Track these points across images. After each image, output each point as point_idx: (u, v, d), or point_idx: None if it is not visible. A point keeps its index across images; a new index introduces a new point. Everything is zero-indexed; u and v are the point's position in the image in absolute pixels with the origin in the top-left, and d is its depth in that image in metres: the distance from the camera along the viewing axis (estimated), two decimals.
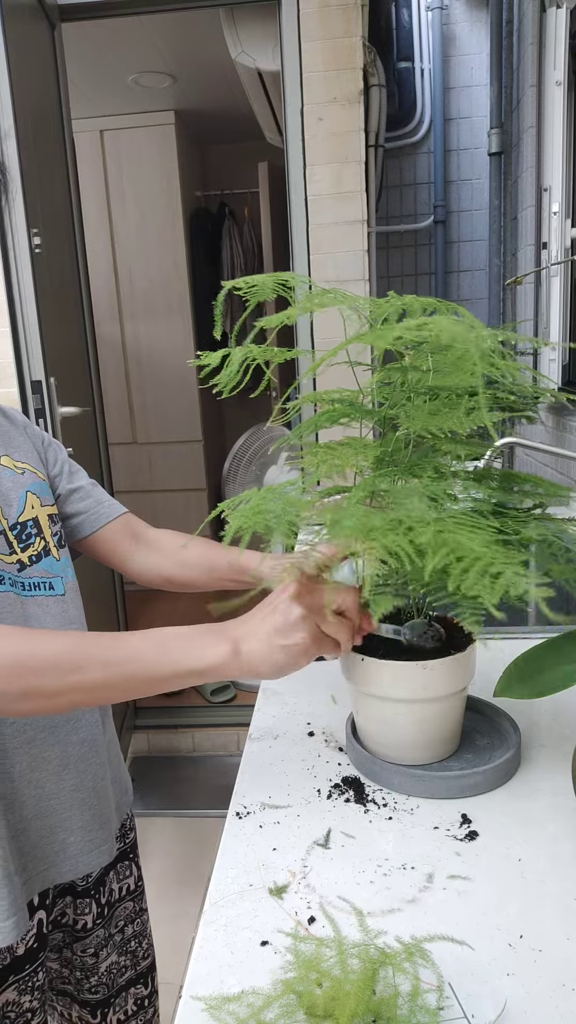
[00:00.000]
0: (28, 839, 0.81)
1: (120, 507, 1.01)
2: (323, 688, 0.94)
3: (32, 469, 0.89)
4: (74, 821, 0.85)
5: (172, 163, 3.67)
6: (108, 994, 0.97)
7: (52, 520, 0.89)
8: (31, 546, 0.84)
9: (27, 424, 0.96)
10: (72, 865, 0.85)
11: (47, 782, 0.82)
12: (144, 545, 1.01)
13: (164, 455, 4.05)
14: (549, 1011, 0.48)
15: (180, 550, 0.99)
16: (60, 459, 0.98)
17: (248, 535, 0.64)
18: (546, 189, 1.97)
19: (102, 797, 0.89)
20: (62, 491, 0.96)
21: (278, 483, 0.71)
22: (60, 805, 0.83)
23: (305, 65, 2.08)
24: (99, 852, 0.88)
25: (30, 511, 0.86)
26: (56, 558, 0.88)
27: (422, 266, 2.74)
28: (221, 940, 0.56)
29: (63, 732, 0.84)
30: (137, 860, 1.02)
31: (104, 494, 1.01)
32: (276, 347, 0.75)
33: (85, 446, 2.39)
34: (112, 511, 0.99)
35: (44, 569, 0.85)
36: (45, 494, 0.90)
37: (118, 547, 0.99)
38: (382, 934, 0.55)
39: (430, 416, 0.65)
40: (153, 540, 1.02)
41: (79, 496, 0.97)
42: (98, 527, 0.98)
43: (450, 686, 0.70)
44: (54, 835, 0.83)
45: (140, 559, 1.00)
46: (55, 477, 0.96)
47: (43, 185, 2.10)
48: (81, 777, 0.85)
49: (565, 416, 1.83)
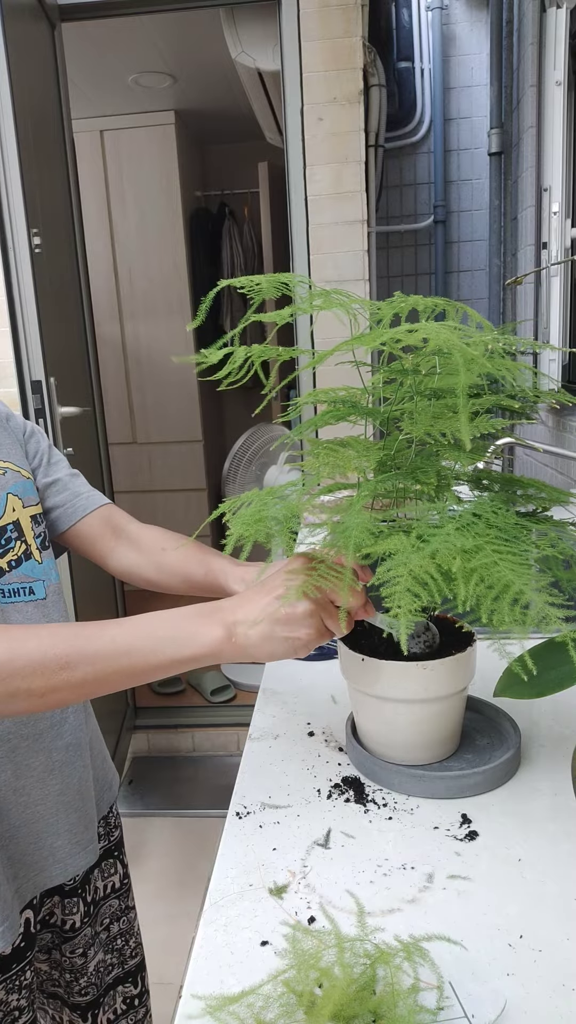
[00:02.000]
0: (17, 847, 0.81)
1: (100, 499, 0.96)
2: (323, 688, 0.94)
3: (15, 468, 0.86)
4: (61, 825, 0.84)
5: (172, 163, 3.67)
6: (97, 994, 0.96)
7: (35, 521, 0.86)
8: (10, 551, 0.82)
9: (10, 416, 0.91)
10: (61, 869, 0.85)
11: (32, 789, 0.82)
12: (125, 541, 0.95)
13: (164, 455, 4.05)
14: (549, 1011, 0.48)
15: (160, 552, 0.94)
16: (40, 449, 0.93)
17: (250, 544, 0.64)
18: (546, 189, 1.97)
19: (86, 798, 0.89)
20: (40, 484, 0.92)
21: (278, 484, 0.71)
22: (47, 811, 0.83)
23: (305, 65, 2.08)
24: (86, 853, 0.88)
25: (10, 514, 0.83)
26: (38, 561, 0.85)
27: (422, 266, 2.74)
28: (221, 940, 0.56)
29: (47, 739, 0.83)
30: (123, 858, 1.02)
31: (83, 485, 0.96)
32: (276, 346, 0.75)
33: (85, 446, 2.39)
34: (89, 503, 0.94)
35: (24, 574, 0.83)
36: (29, 493, 0.87)
37: (97, 542, 0.94)
38: (382, 934, 0.55)
39: (433, 419, 0.65)
40: (135, 537, 0.96)
41: (56, 489, 0.93)
42: (75, 521, 0.93)
43: (450, 686, 0.70)
44: (42, 841, 0.83)
45: (120, 556, 0.95)
46: (34, 470, 0.91)
47: (43, 185, 2.10)
48: (66, 782, 0.85)
49: (565, 416, 1.83)
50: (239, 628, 0.63)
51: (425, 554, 0.55)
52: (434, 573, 0.54)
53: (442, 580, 0.54)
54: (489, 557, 0.54)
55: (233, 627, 0.63)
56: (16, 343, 1.97)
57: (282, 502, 0.68)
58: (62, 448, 2.03)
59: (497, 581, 0.53)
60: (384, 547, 0.58)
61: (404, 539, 0.58)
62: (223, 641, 0.62)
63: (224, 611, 0.64)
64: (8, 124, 1.85)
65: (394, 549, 0.58)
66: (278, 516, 0.65)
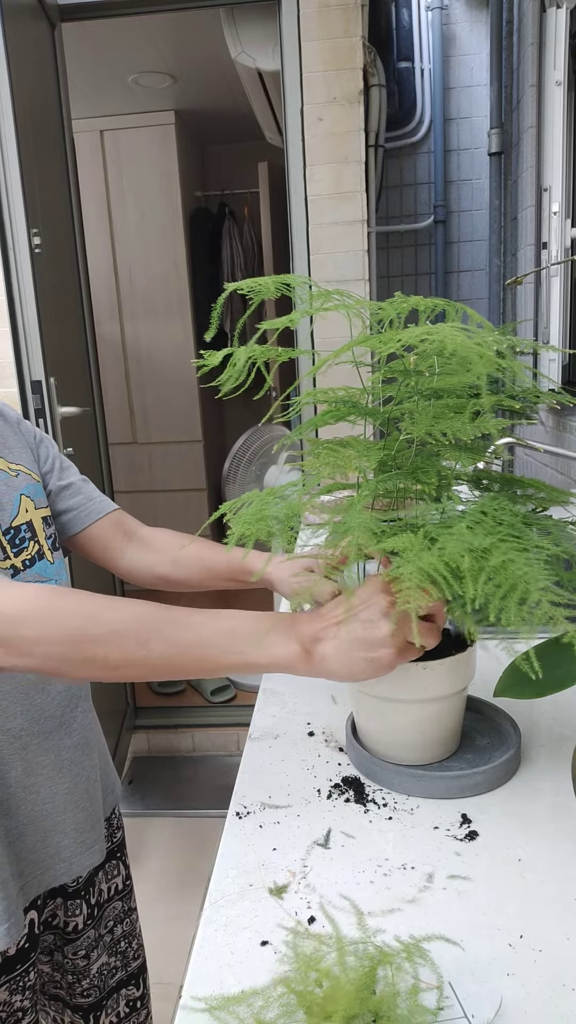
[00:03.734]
0: (24, 844, 0.81)
1: (111, 504, 0.99)
2: (323, 688, 0.94)
3: (26, 471, 0.88)
4: (68, 824, 0.85)
5: (172, 163, 3.67)
6: (100, 996, 0.97)
7: (46, 522, 0.88)
8: (25, 550, 0.83)
9: (20, 420, 0.93)
10: (66, 868, 0.85)
11: (42, 787, 0.82)
12: (136, 543, 0.99)
13: (164, 455, 4.05)
14: (549, 1011, 0.48)
15: (175, 549, 0.97)
16: (51, 455, 0.95)
17: (251, 543, 0.64)
18: (546, 189, 1.97)
19: (93, 798, 0.89)
20: (52, 488, 0.94)
21: (279, 484, 0.71)
22: (54, 809, 0.83)
23: (305, 65, 2.08)
24: (91, 852, 0.88)
25: (24, 515, 0.84)
26: (50, 561, 0.87)
27: (422, 266, 2.74)
28: (221, 940, 0.56)
29: (57, 737, 0.84)
30: (125, 859, 1.02)
31: (95, 490, 0.99)
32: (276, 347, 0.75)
33: (85, 446, 2.39)
34: (103, 507, 0.97)
35: (38, 573, 0.84)
36: (39, 496, 0.88)
37: (109, 544, 0.97)
38: (382, 934, 0.55)
39: (434, 419, 0.65)
40: (147, 538, 0.99)
41: (69, 493, 0.95)
42: (88, 523, 0.95)
43: (450, 686, 0.70)
44: (49, 839, 0.83)
45: (132, 557, 0.98)
46: (46, 474, 0.94)
47: (43, 185, 2.10)
48: (75, 780, 0.86)
49: (565, 416, 1.83)
50: (318, 647, 0.62)
51: (439, 552, 0.55)
52: (443, 571, 0.54)
53: (451, 578, 0.54)
54: (505, 555, 0.54)
55: (312, 644, 0.62)
56: (16, 343, 1.97)
57: (283, 502, 0.68)
58: (62, 448, 2.04)
59: (506, 580, 0.53)
60: (391, 545, 0.58)
61: (412, 538, 0.58)
62: (298, 656, 0.62)
63: (302, 625, 0.63)
64: (8, 124, 1.85)
65: (402, 548, 0.58)
66: (279, 515, 0.65)
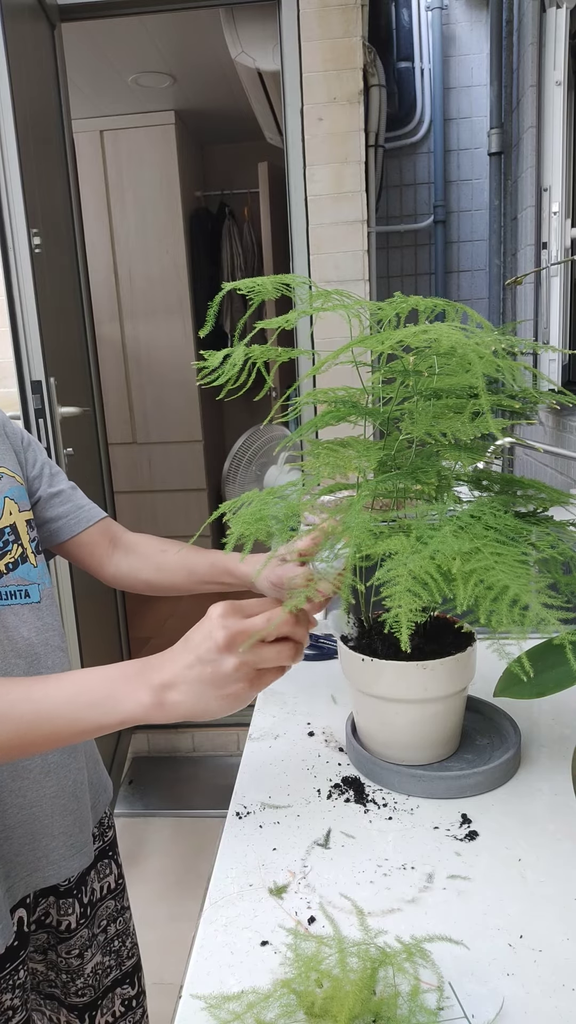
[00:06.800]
0: (11, 847, 0.81)
1: (99, 511, 0.99)
2: (323, 688, 0.94)
3: (10, 473, 0.87)
4: (56, 827, 0.85)
5: (172, 163, 3.67)
6: (95, 996, 0.97)
7: (30, 526, 0.88)
8: (8, 553, 0.83)
9: (5, 422, 0.92)
10: (55, 870, 0.85)
11: (28, 790, 0.82)
12: (122, 549, 0.99)
13: (164, 455, 4.05)
14: (549, 1011, 0.48)
15: (159, 554, 0.97)
16: (40, 460, 0.95)
17: (251, 543, 0.64)
18: (546, 189, 1.97)
19: (81, 801, 0.89)
20: (42, 495, 0.94)
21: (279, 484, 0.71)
22: (42, 812, 0.83)
23: (305, 65, 2.08)
24: (80, 855, 0.88)
25: (8, 517, 0.84)
26: (33, 564, 0.86)
27: (422, 266, 2.74)
28: (221, 940, 0.56)
29: None
30: (117, 859, 1.02)
31: (84, 498, 0.99)
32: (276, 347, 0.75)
33: (85, 446, 2.39)
34: (92, 515, 0.98)
35: (20, 577, 0.84)
36: (23, 499, 0.88)
37: (96, 551, 0.98)
38: (382, 934, 0.55)
39: (433, 419, 0.65)
40: (131, 544, 1.00)
41: (59, 500, 0.95)
42: (77, 531, 0.96)
43: (450, 686, 0.71)
44: (36, 842, 0.84)
45: (117, 563, 0.98)
46: (33, 479, 0.94)
47: (43, 185, 2.10)
48: (62, 783, 0.86)
49: (565, 416, 1.83)
50: (168, 694, 0.59)
51: (424, 555, 0.55)
52: (434, 574, 0.54)
53: (442, 581, 0.54)
54: (487, 560, 0.54)
55: (161, 692, 0.59)
56: (16, 343, 1.97)
57: (282, 502, 0.68)
58: (62, 448, 2.04)
59: (495, 583, 0.53)
60: (384, 547, 0.58)
61: (404, 540, 0.58)
62: (151, 707, 0.59)
63: (151, 672, 0.60)
64: (8, 124, 1.85)
65: (394, 549, 0.58)
66: (278, 515, 0.65)
